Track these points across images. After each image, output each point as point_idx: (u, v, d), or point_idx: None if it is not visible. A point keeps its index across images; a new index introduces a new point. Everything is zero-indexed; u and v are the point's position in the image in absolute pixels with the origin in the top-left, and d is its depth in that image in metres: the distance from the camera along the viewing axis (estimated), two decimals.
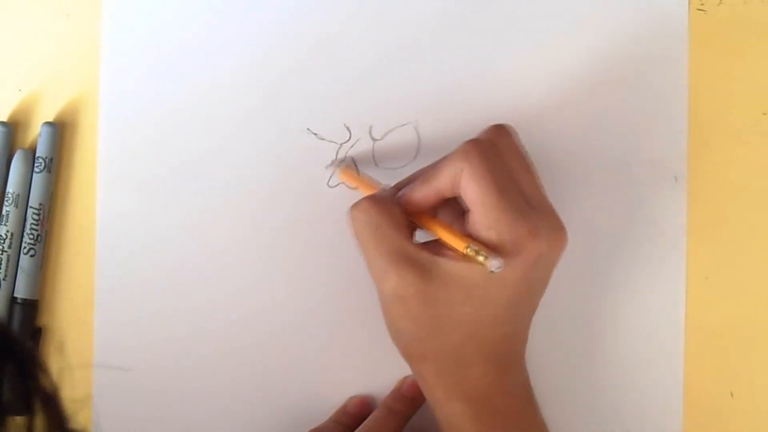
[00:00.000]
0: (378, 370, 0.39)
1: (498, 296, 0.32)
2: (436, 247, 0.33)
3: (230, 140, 0.39)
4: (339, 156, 0.39)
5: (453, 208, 0.35)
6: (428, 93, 0.39)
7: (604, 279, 0.39)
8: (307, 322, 0.39)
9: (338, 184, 0.39)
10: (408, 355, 0.35)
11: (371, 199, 0.34)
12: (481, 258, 0.31)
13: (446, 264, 0.32)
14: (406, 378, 0.39)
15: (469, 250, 0.31)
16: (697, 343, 0.39)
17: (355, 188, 0.38)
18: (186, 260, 0.39)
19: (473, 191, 0.32)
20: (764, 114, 0.39)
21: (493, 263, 0.30)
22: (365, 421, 0.37)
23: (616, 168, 0.39)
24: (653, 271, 0.39)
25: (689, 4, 0.39)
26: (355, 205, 0.34)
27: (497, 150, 0.33)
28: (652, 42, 0.39)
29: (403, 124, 0.39)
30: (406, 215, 0.34)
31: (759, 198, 0.39)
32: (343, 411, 0.38)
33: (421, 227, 0.34)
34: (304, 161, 0.39)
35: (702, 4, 0.39)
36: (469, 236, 0.32)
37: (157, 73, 0.40)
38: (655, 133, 0.39)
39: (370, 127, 0.39)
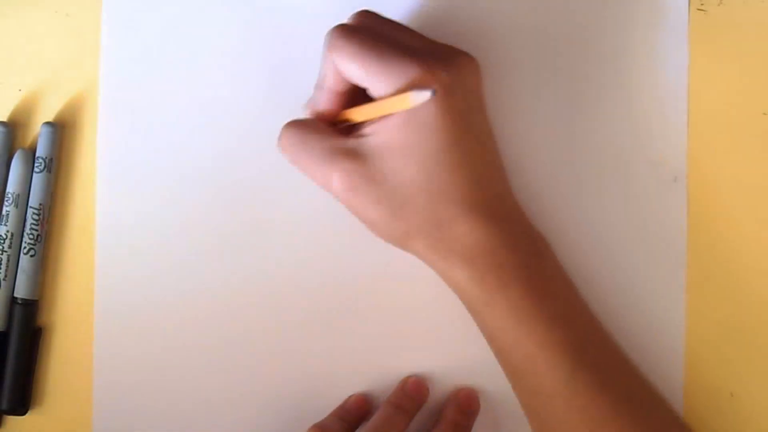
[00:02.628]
0: (378, 370, 0.39)
1: (430, 141, 0.32)
2: (355, 129, 0.34)
3: (230, 140, 0.39)
4: None
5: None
6: None
7: (603, 279, 0.39)
8: (306, 320, 0.39)
9: None
10: (396, 241, 0.34)
11: (289, 122, 0.35)
12: (408, 99, 0.30)
13: (371, 139, 0.33)
14: (408, 377, 0.39)
15: (397, 100, 0.31)
16: (697, 343, 0.39)
17: None
18: (186, 260, 0.39)
19: (352, 69, 0.32)
20: (764, 114, 0.39)
21: (414, 96, 0.30)
22: (372, 418, 0.36)
23: (616, 168, 0.39)
24: (653, 271, 0.39)
25: (689, 4, 0.39)
26: (279, 136, 0.35)
27: (363, 25, 0.34)
28: (652, 42, 0.39)
29: None
30: (330, 124, 0.35)
31: (759, 198, 0.39)
32: (343, 408, 0.38)
33: (352, 123, 0.35)
34: None
35: (702, 4, 0.39)
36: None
37: (157, 73, 0.40)
38: (655, 133, 0.39)
39: None
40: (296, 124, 0.35)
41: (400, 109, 0.31)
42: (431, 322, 0.39)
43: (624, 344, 0.35)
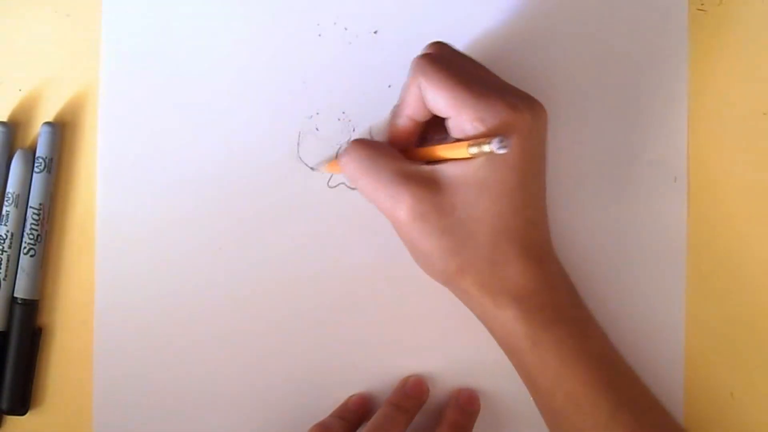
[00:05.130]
0: (379, 370, 0.39)
1: (508, 180, 0.32)
2: (429, 162, 0.34)
3: (230, 140, 0.39)
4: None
5: (435, 141, 0.35)
6: None
7: (604, 279, 0.39)
8: (307, 320, 0.39)
9: (338, 185, 0.39)
10: (444, 276, 0.34)
11: (357, 140, 0.35)
12: (486, 148, 0.30)
13: (449, 169, 0.33)
14: (408, 377, 0.39)
15: (471, 149, 0.31)
16: (697, 343, 0.39)
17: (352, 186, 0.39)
18: (186, 260, 0.39)
19: (442, 98, 0.32)
20: (764, 114, 0.39)
21: (497, 144, 0.29)
22: (373, 418, 0.36)
23: (616, 168, 0.39)
24: (653, 271, 0.39)
25: (689, 4, 0.39)
26: (344, 151, 0.35)
27: (445, 57, 0.34)
28: (652, 42, 0.39)
29: None
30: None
31: (759, 198, 0.39)
32: (344, 408, 0.38)
33: (416, 160, 0.35)
34: (305, 162, 0.39)
35: (702, 4, 0.39)
36: (459, 140, 0.33)
37: (157, 73, 0.40)
38: (655, 133, 0.39)
39: (370, 128, 0.39)
40: (365, 144, 0.35)
41: (477, 155, 0.31)
42: (431, 322, 0.39)
43: (624, 344, 0.35)
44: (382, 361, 0.39)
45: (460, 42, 0.39)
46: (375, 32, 0.39)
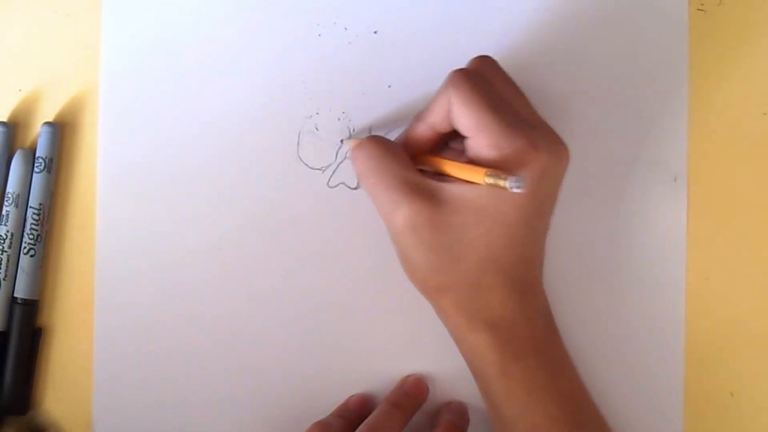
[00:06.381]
0: (379, 370, 0.39)
1: (509, 215, 0.32)
2: (439, 175, 0.34)
3: (230, 140, 0.39)
4: (338, 157, 0.39)
5: (453, 151, 0.35)
6: (428, 93, 0.39)
7: (603, 279, 0.39)
8: (307, 321, 0.39)
9: (338, 185, 0.39)
10: (426, 289, 0.34)
11: (372, 137, 0.35)
12: (502, 182, 0.30)
13: (453, 188, 0.33)
14: (408, 376, 0.39)
15: (488, 179, 0.30)
16: (697, 343, 0.39)
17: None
18: (186, 260, 0.39)
19: (466, 116, 0.32)
20: (764, 114, 0.39)
21: (513, 182, 0.29)
22: (370, 416, 0.36)
23: (616, 168, 0.39)
24: (653, 271, 0.39)
25: (689, 4, 0.39)
26: (357, 145, 0.35)
27: (484, 76, 0.34)
28: (652, 42, 0.39)
29: (403, 125, 0.39)
30: (411, 158, 0.35)
31: (759, 198, 0.39)
32: (344, 407, 0.38)
33: (428, 169, 0.35)
34: (305, 162, 0.39)
35: (702, 4, 0.39)
36: (472, 161, 0.32)
37: (157, 73, 0.40)
38: (655, 133, 0.39)
39: (370, 128, 0.39)
40: (379, 142, 0.34)
41: (491, 185, 0.31)
42: (432, 322, 0.39)
43: (624, 344, 0.35)
44: (383, 362, 0.39)
45: (459, 42, 0.39)
46: (375, 32, 0.39)
